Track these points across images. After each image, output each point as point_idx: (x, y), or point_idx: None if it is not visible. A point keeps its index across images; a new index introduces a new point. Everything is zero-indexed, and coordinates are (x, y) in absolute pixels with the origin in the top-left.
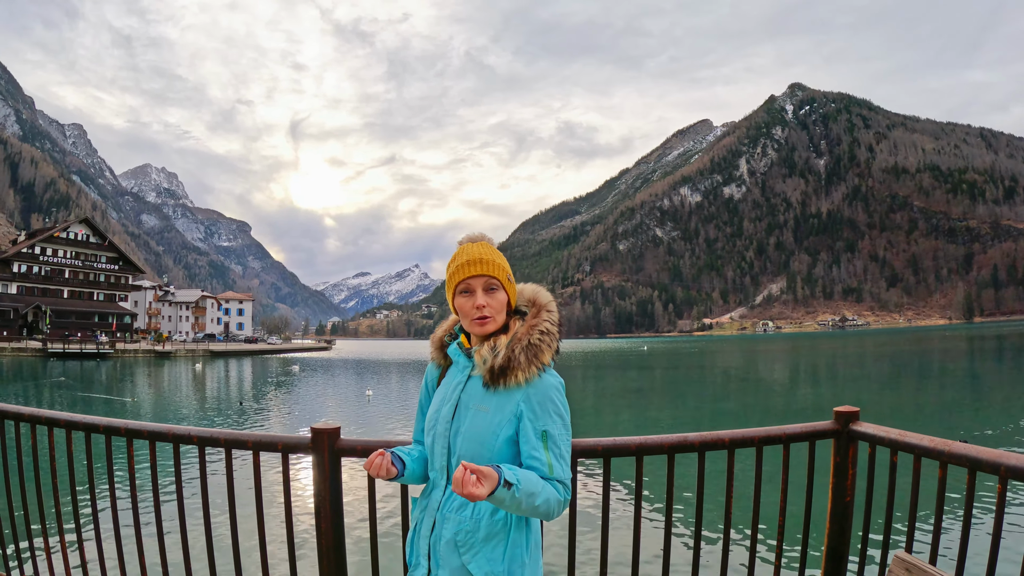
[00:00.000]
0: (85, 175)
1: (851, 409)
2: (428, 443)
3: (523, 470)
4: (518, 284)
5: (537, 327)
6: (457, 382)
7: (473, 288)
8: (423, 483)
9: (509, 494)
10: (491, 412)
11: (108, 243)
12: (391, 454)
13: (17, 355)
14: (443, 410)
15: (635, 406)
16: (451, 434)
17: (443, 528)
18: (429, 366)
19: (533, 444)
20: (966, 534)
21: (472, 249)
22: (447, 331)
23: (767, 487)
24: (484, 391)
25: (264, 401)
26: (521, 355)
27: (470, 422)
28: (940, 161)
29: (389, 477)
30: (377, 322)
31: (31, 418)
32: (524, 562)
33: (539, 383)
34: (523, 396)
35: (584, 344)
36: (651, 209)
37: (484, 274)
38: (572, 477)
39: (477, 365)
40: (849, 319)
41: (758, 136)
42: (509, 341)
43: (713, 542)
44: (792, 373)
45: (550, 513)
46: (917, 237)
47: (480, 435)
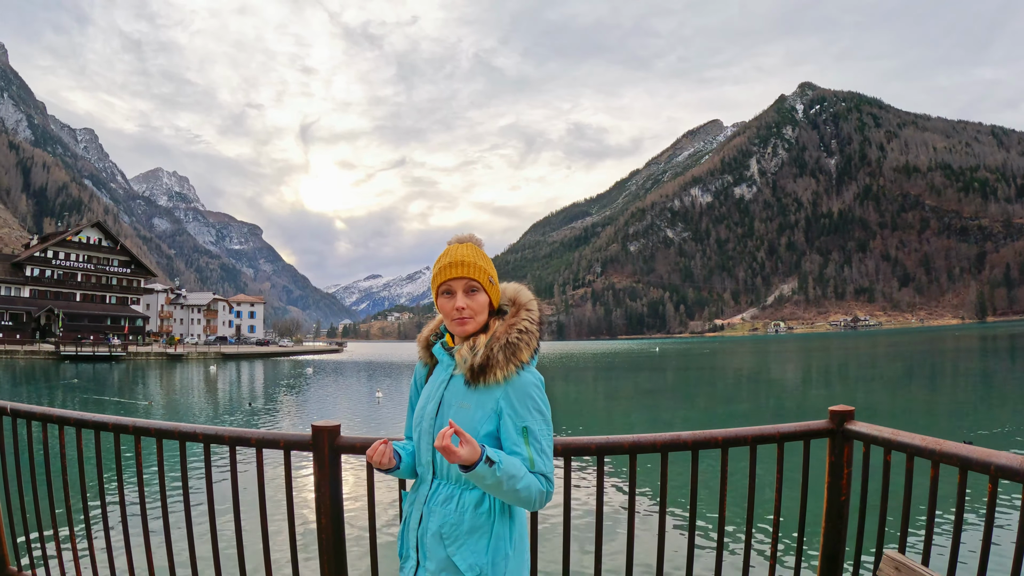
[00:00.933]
0: (97, 179)
1: (846, 408)
2: (415, 439)
3: (507, 455)
4: (511, 284)
5: (516, 326)
6: (441, 380)
7: (454, 290)
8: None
9: (490, 472)
10: (472, 409)
11: (120, 247)
12: (392, 447)
13: (30, 358)
14: (428, 407)
15: (646, 408)
16: (435, 430)
17: (429, 521)
18: (417, 365)
19: (514, 440)
20: (958, 533)
21: (456, 251)
22: (432, 331)
23: (762, 486)
24: (466, 389)
25: (276, 402)
26: (500, 353)
27: (453, 418)
28: (951, 159)
29: (387, 468)
30: (388, 324)
31: (42, 417)
32: (507, 554)
33: (518, 380)
34: (502, 393)
35: (595, 346)
36: (662, 210)
37: (465, 276)
38: (567, 475)
39: (458, 364)
40: (861, 319)
41: (768, 136)
42: (488, 340)
43: (708, 541)
44: (803, 374)
45: (531, 501)
46: (929, 236)
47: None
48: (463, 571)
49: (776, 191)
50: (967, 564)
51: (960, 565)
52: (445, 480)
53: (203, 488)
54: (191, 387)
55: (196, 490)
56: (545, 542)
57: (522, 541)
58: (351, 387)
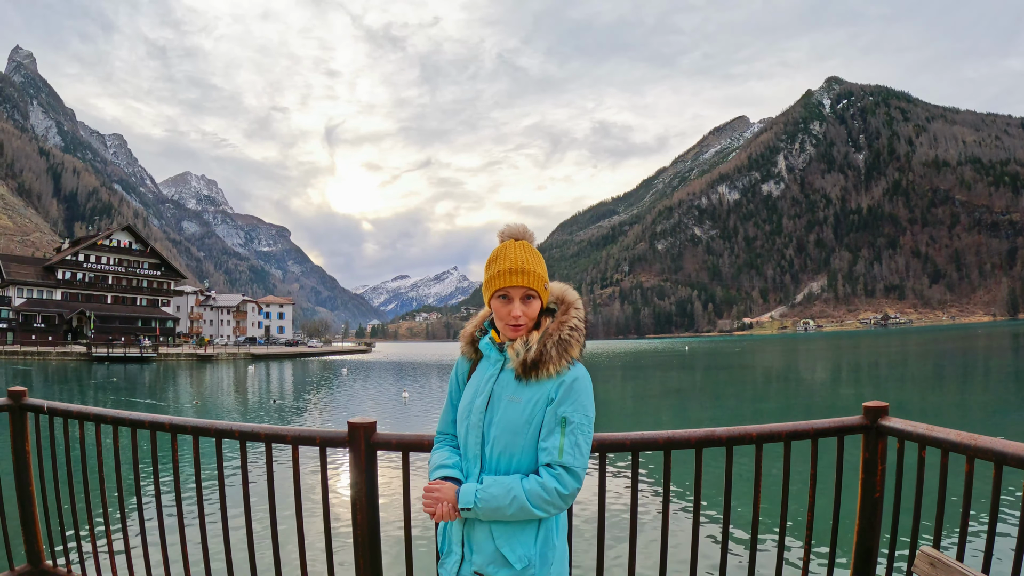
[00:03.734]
0: (126, 184)
1: (880, 404)
2: (461, 433)
3: (490, 488)
4: (556, 283)
5: (567, 323)
6: (489, 375)
7: (512, 296)
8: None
9: (472, 514)
10: (523, 403)
11: (150, 250)
12: (447, 480)
13: (62, 359)
14: (476, 402)
15: (677, 407)
16: (484, 424)
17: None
18: (459, 359)
19: (550, 428)
20: (992, 529)
21: (516, 254)
22: (477, 326)
23: (795, 482)
24: (516, 383)
25: (314, 401)
26: (552, 350)
27: (503, 413)
28: (981, 153)
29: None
30: (416, 325)
31: (79, 415)
32: (555, 544)
33: (568, 376)
34: (552, 387)
35: (624, 345)
36: (689, 208)
37: (524, 285)
38: (601, 471)
39: (510, 359)
40: (891, 317)
41: (796, 132)
42: (541, 336)
43: (741, 536)
44: (833, 372)
45: (539, 509)
46: (959, 232)
47: (513, 425)
48: (512, 563)
49: (804, 187)
50: (1003, 561)
51: (995, 561)
52: (493, 473)
53: (238, 484)
54: (231, 386)
55: (229, 486)
56: (577, 536)
57: (565, 531)
58: (380, 387)
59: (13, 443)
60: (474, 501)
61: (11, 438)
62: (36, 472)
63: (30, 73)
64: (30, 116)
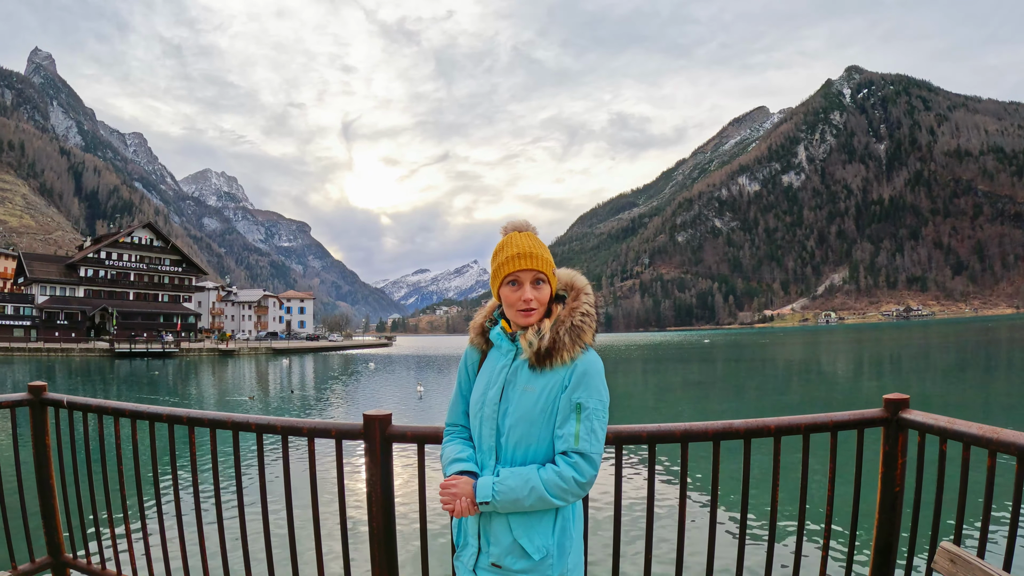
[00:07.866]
0: (147, 182)
1: (901, 396)
2: (475, 425)
3: (508, 480)
4: (564, 270)
5: (578, 309)
6: (501, 365)
7: (522, 281)
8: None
9: (490, 508)
10: (537, 392)
11: (171, 246)
12: (463, 474)
13: (85, 355)
14: (489, 393)
15: (696, 399)
16: (499, 415)
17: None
18: (468, 350)
19: (565, 415)
20: (1015, 526)
21: (522, 241)
22: (486, 316)
23: (814, 476)
24: (530, 372)
25: (338, 393)
26: (565, 336)
27: (517, 402)
28: (1004, 142)
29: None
30: (436, 318)
31: (98, 409)
32: (572, 535)
33: (582, 361)
34: (567, 374)
35: (644, 337)
36: (709, 200)
37: (533, 268)
38: (617, 463)
39: (523, 348)
40: (914, 309)
41: (816, 122)
42: (553, 323)
43: (759, 530)
44: (855, 365)
45: (557, 499)
46: (982, 223)
47: (528, 414)
48: (531, 553)
49: (825, 178)
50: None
51: (1017, 558)
52: (509, 465)
53: (255, 476)
54: (278, 379)
55: (246, 477)
56: (593, 528)
57: (581, 521)
58: (398, 379)
59: (34, 437)
60: (492, 495)
61: (32, 432)
62: (56, 465)
63: (49, 74)
64: (50, 116)
